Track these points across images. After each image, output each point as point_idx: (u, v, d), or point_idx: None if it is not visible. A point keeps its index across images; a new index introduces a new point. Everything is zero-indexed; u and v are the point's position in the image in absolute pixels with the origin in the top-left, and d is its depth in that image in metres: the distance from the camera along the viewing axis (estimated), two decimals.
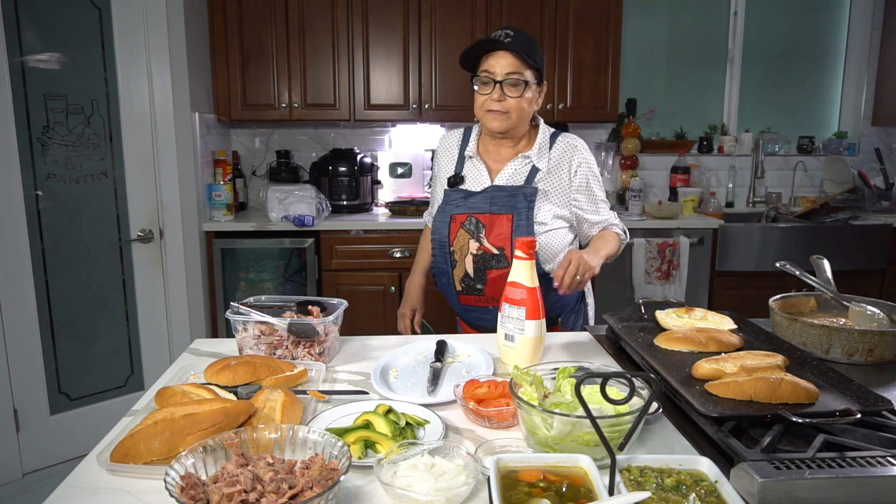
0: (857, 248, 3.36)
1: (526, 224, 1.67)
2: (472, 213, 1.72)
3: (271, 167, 3.66)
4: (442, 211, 1.78)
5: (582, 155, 1.76)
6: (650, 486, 0.80)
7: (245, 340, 1.34)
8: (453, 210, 1.75)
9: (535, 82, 1.65)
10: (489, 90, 1.63)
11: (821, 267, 1.53)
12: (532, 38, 1.66)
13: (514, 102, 1.63)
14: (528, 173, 1.73)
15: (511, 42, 1.60)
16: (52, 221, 2.64)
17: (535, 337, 1.25)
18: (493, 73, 1.62)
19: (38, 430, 2.66)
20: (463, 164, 1.80)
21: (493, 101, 1.63)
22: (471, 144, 1.80)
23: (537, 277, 1.29)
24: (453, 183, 1.78)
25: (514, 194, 1.71)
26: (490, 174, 1.76)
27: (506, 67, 1.61)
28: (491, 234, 1.69)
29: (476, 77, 1.66)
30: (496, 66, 1.61)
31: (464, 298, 1.75)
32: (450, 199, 1.77)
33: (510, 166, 1.74)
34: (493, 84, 1.62)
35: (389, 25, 3.31)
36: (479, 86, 1.66)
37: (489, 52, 1.63)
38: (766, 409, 0.98)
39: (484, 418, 1.05)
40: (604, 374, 0.84)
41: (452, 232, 1.74)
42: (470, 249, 1.71)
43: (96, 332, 2.82)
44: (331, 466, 0.81)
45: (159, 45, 2.82)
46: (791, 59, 4.01)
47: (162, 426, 0.91)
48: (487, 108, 1.65)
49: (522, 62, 1.61)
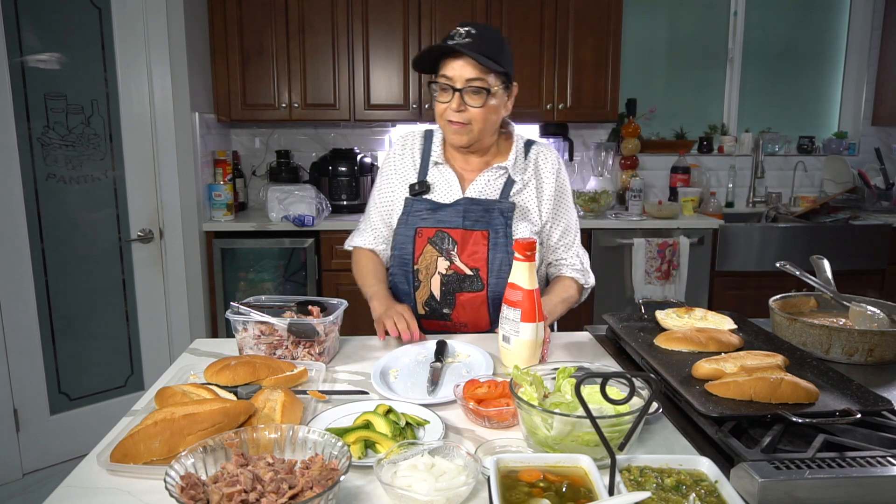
0: (857, 248, 3.36)
1: (504, 243, 1.53)
2: (442, 228, 1.54)
3: (271, 167, 3.66)
4: (404, 224, 1.58)
5: (559, 170, 1.62)
6: (650, 486, 0.80)
7: (245, 340, 1.34)
8: (419, 223, 1.56)
9: (501, 87, 1.47)
10: (448, 98, 1.45)
11: (821, 267, 1.53)
12: (497, 35, 1.48)
13: (476, 112, 1.45)
14: (504, 186, 1.57)
15: (471, 44, 1.41)
16: (52, 221, 2.64)
17: (530, 340, 1.24)
18: (451, 80, 1.44)
19: (38, 430, 2.66)
20: (427, 171, 1.61)
21: (452, 112, 1.46)
22: (437, 149, 1.61)
23: (537, 279, 1.26)
24: (418, 191, 1.59)
25: (489, 209, 1.54)
26: (461, 184, 1.59)
27: (466, 73, 1.42)
28: (464, 252, 1.53)
29: (433, 83, 1.48)
30: (455, 71, 1.43)
31: (427, 323, 1.59)
32: (413, 210, 1.58)
33: (483, 177, 1.58)
34: (452, 91, 1.44)
35: (389, 25, 3.31)
36: (437, 92, 1.48)
37: (448, 55, 1.44)
38: (766, 409, 0.98)
39: (484, 418, 1.05)
40: (604, 374, 0.84)
41: (418, 248, 1.56)
42: (438, 269, 1.55)
43: (96, 332, 2.82)
44: (331, 466, 0.81)
45: (159, 45, 2.82)
46: (791, 59, 4.01)
47: (162, 426, 0.91)
48: (448, 118, 1.48)
49: (485, 67, 1.42)
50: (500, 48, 1.46)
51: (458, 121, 1.47)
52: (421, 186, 1.59)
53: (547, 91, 3.43)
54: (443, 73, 1.45)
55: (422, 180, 1.60)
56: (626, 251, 3.28)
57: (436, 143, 1.63)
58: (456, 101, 1.45)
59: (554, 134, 3.65)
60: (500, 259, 1.53)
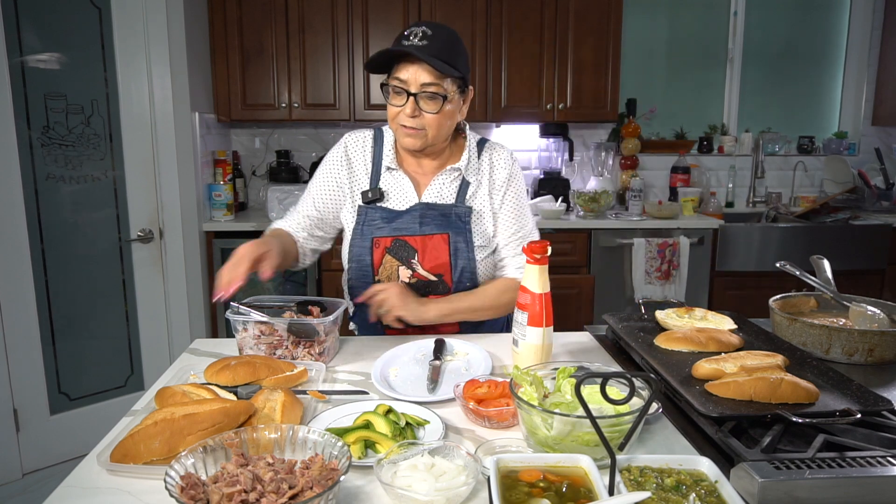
0: (857, 248, 3.36)
1: (465, 246, 1.49)
2: (399, 236, 1.49)
3: (271, 167, 3.66)
4: (359, 234, 1.52)
5: (512, 170, 1.56)
6: (650, 486, 0.80)
7: (245, 340, 1.34)
8: (375, 232, 1.50)
9: (457, 92, 1.42)
10: (402, 102, 1.39)
11: (821, 267, 1.53)
12: (454, 36, 1.41)
13: (431, 119, 1.40)
14: (459, 189, 1.53)
15: (427, 47, 1.35)
16: (52, 221, 2.64)
17: (535, 344, 1.22)
18: (405, 84, 1.38)
19: (38, 430, 2.66)
20: (379, 176, 1.54)
21: (406, 117, 1.40)
22: (388, 154, 1.54)
23: (548, 283, 1.23)
24: (371, 199, 1.52)
25: (446, 213, 1.50)
26: (416, 189, 1.53)
27: (421, 77, 1.36)
28: (425, 259, 1.49)
29: (385, 85, 1.42)
30: (410, 75, 1.37)
31: (390, 331, 1.54)
32: (368, 219, 1.51)
33: (438, 180, 1.53)
34: (406, 96, 1.38)
35: (389, 25, 3.31)
36: (390, 95, 1.42)
37: (402, 58, 1.38)
38: (766, 409, 0.98)
39: (484, 418, 1.05)
40: (604, 374, 0.84)
41: (376, 258, 1.51)
42: (401, 277, 1.51)
43: (96, 332, 2.82)
44: (331, 466, 0.81)
45: (159, 45, 2.82)
46: (791, 59, 4.01)
47: (162, 426, 0.91)
48: (401, 122, 1.42)
49: (441, 72, 1.36)
50: (457, 51, 1.40)
51: (412, 126, 1.41)
52: (374, 194, 1.52)
53: (547, 91, 3.43)
54: (396, 75, 1.39)
55: (374, 187, 1.53)
56: (626, 251, 3.29)
57: (387, 146, 1.55)
58: (410, 107, 1.39)
59: (554, 134, 3.65)
60: (463, 263, 1.51)
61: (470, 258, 1.51)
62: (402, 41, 1.38)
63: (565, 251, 3.23)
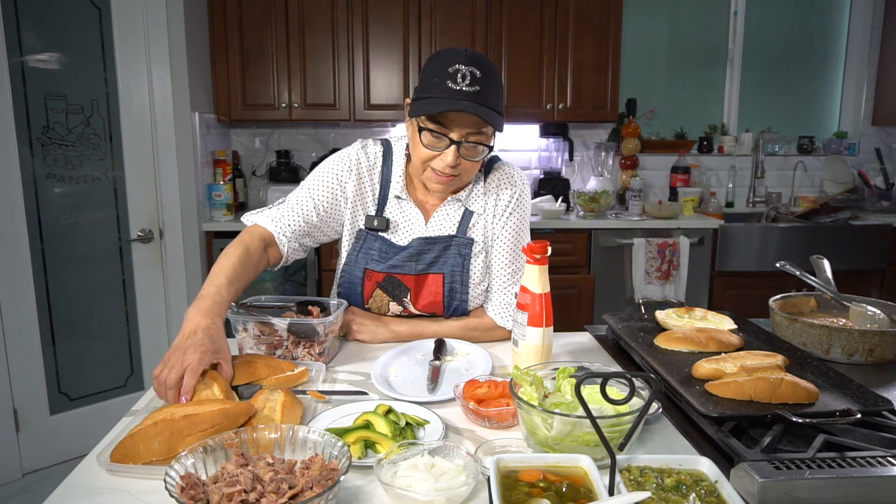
0: (857, 248, 3.36)
1: (461, 287, 1.43)
2: (393, 273, 1.44)
3: (271, 167, 3.66)
4: (353, 260, 1.45)
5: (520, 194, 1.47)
6: (650, 486, 0.80)
7: (245, 340, 1.34)
8: (369, 263, 1.44)
9: (493, 135, 1.33)
10: (441, 147, 1.29)
11: (821, 267, 1.53)
12: (497, 76, 1.30)
13: (468, 166, 1.32)
14: (461, 218, 1.46)
15: (477, 95, 1.24)
16: (52, 221, 2.64)
17: (534, 344, 1.22)
18: (447, 131, 1.27)
19: (38, 430, 2.66)
20: (385, 203, 1.45)
21: (444, 164, 1.30)
22: (398, 181, 1.44)
23: (548, 283, 1.22)
24: (376, 227, 1.44)
25: (447, 246, 1.44)
26: (424, 216, 1.46)
27: (466, 126, 1.27)
28: (418, 298, 1.45)
29: (425, 129, 1.28)
30: (455, 124, 1.27)
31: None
32: (365, 247, 1.45)
33: (442, 211, 1.45)
34: (448, 143, 1.28)
35: (389, 25, 3.31)
36: (427, 139, 1.29)
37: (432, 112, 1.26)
38: (766, 409, 0.98)
39: (484, 418, 1.05)
40: (604, 374, 0.84)
41: (367, 289, 1.46)
42: (391, 310, 1.48)
43: (96, 332, 2.82)
44: (331, 466, 0.81)
45: (159, 45, 2.82)
46: (791, 58, 4.01)
47: (162, 427, 0.91)
48: (435, 167, 1.32)
49: (490, 123, 1.26)
50: (500, 93, 1.32)
51: (450, 174, 1.32)
52: (380, 223, 1.43)
53: (547, 91, 3.43)
54: (441, 121, 1.27)
55: (380, 215, 1.45)
56: (626, 251, 3.29)
57: (396, 170, 1.45)
58: (452, 156, 1.28)
59: (554, 134, 3.65)
60: (457, 303, 1.47)
61: (464, 299, 1.46)
62: (447, 82, 1.24)
63: (565, 251, 3.23)
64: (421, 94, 1.30)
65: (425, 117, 1.28)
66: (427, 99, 1.27)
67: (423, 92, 1.29)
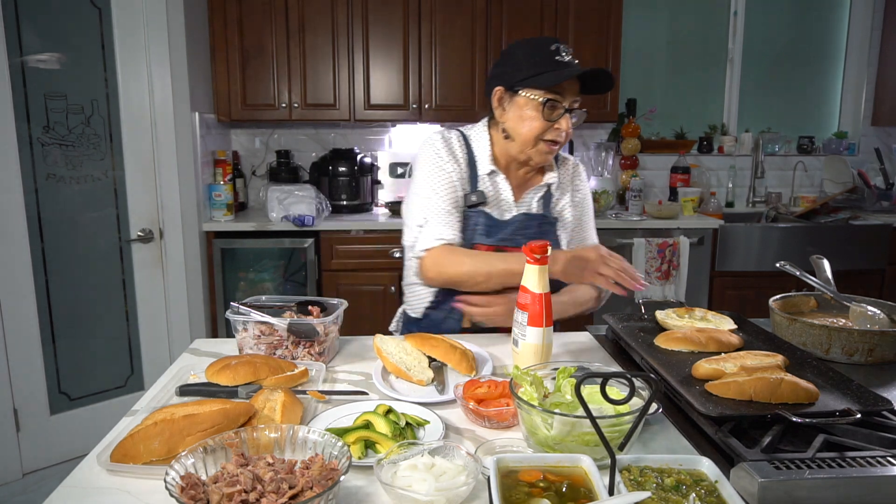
0: (856, 248, 3.36)
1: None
2: (501, 246, 1.49)
3: (271, 167, 3.66)
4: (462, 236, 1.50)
5: (585, 181, 1.64)
6: (650, 486, 0.80)
7: (245, 340, 1.34)
8: (477, 238, 1.50)
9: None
10: (555, 117, 1.42)
11: (821, 267, 1.53)
12: None
13: (570, 132, 1.46)
14: (544, 199, 1.57)
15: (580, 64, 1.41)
16: (52, 221, 2.64)
17: (535, 344, 1.22)
18: (562, 99, 1.41)
19: (38, 430, 2.66)
20: (477, 180, 1.53)
21: (558, 131, 1.43)
22: (484, 157, 1.53)
23: (548, 283, 1.22)
24: (475, 203, 1.51)
25: (540, 223, 1.53)
26: (514, 194, 1.55)
27: (573, 94, 1.42)
28: None
29: (549, 101, 1.41)
30: (567, 92, 1.41)
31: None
32: (471, 224, 1.50)
33: (532, 189, 1.56)
34: (562, 111, 1.42)
35: (389, 25, 3.31)
36: (544, 111, 1.42)
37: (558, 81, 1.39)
38: (766, 409, 0.98)
39: (484, 418, 1.05)
40: (604, 374, 0.84)
41: None
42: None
43: (96, 332, 2.82)
44: (331, 466, 0.81)
45: (159, 45, 2.82)
46: (791, 58, 4.01)
47: (162, 426, 0.91)
48: (550, 137, 1.44)
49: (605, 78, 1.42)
50: None
51: (560, 140, 1.44)
52: (479, 197, 1.51)
53: None
54: (556, 90, 1.41)
55: (478, 190, 1.52)
56: (626, 251, 3.28)
57: (481, 149, 1.54)
58: (567, 121, 1.42)
59: None
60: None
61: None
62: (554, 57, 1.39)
63: None
64: (529, 73, 1.41)
65: (544, 90, 1.40)
66: (544, 74, 1.39)
67: (530, 71, 1.40)
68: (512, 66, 1.45)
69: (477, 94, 3.40)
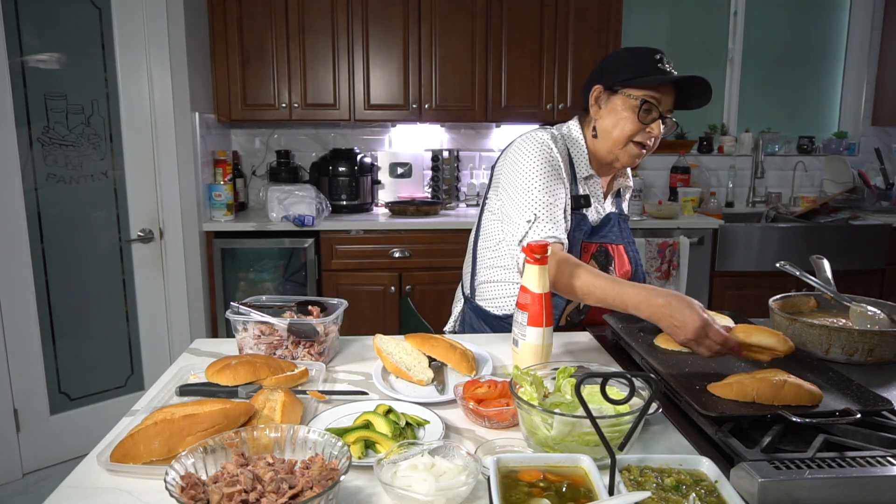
0: (856, 248, 3.36)
1: (634, 255, 1.59)
2: (603, 243, 1.56)
3: (271, 167, 3.66)
4: (570, 238, 1.52)
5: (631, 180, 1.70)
6: (650, 486, 0.79)
7: (245, 340, 1.34)
8: (583, 237, 1.54)
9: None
10: (649, 120, 1.44)
11: (821, 267, 1.53)
12: None
13: (658, 141, 1.50)
14: (617, 199, 1.66)
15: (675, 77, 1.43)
16: (52, 221, 2.64)
17: (534, 344, 1.22)
18: (659, 104, 1.44)
19: (38, 430, 2.66)
20: (577, 183, 1.56)
21: (648, 136, 1.45)
22: (583, 161, 1.56)
23: (548, 283, 1.23)
24: (582, 205, 1.55)
25: (624, 222, 1.63)
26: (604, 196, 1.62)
27: (668, 104, 1.45)
28: (617, 266, 1.57)
29: (647, 102, 1.43)
30: (664, 98, 1.44)
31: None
32: (577, 225, 1.54)
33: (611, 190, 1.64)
34: (658, 116, 1.44)
35: (389, 25, 3.31)
36: (639, 113, 1.43)
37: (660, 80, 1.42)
38: (767, 409, 0.98)
39: (484, 418, 1.05)
40: (604, 374, 0.84)
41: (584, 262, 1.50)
42: None
43: (96, 332, 2.82)
44: (331, 466, 0.81)
45: (159, 45, 2.82)
46: (791, 58, 4.01)
47: (162, 426, 0.91)
48: (640, 139, 1.46)
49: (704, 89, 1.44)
50: None
51: (651, 146, 1.48)
52: (585, 201, 1.55)
53: (547, 91, 3.43)
54: (654, 94, 1.43)
55: (584, 194, 1.56)
56: None
57: (578, 154, 1.56)
58: (658, 127, 1.45)
59: None
60: (636, 268, 1.62)
61: (639, 263, 1.63)
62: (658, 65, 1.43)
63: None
64: (635, 74, 1.43)
65: (644, 92, 1.43)
66: (649, 76, 1.42)
67: (636, 73, 1.43)
68: (614, 67, 1.48)
69: (477, 94, 3.40)
